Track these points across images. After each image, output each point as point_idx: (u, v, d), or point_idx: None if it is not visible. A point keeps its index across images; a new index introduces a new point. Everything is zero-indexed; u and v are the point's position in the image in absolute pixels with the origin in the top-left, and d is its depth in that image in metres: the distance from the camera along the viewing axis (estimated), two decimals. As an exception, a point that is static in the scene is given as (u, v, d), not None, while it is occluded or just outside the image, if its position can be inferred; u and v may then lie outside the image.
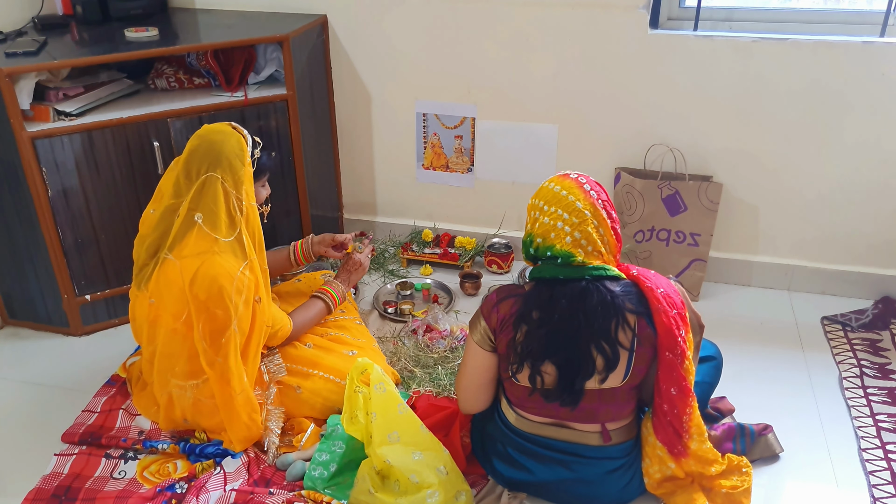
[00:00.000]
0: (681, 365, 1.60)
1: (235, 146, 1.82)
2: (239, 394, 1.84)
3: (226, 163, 1.80)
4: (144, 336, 1.93)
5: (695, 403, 1.65)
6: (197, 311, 1.78)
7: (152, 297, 1.85)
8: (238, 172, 1.81)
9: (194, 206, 1.79)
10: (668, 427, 1.65)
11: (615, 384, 1.62)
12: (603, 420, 1.67)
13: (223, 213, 1.79)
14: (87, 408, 2.10)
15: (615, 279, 1.61)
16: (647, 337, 1.60)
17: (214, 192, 1.79)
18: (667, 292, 1.61)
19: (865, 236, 2.52)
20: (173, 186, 1.84)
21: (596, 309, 1.56)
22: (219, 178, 1.79)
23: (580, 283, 1.57)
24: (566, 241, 1.58)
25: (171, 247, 1.81)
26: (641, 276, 1.64)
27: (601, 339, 1.57)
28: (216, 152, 1.80)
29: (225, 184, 1.79)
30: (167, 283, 1.81)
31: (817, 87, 2.35)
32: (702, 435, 1.67)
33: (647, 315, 1.60)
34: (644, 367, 1.63)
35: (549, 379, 1.61)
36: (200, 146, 1.81)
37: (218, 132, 1.84)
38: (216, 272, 1.77)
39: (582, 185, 1.62)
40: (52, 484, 1.84)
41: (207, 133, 1.84)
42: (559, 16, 2.45)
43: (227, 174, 1.80)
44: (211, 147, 1.81)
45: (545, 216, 1.60)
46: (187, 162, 1.82)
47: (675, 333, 1.59)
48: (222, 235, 1.79)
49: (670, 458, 1.68)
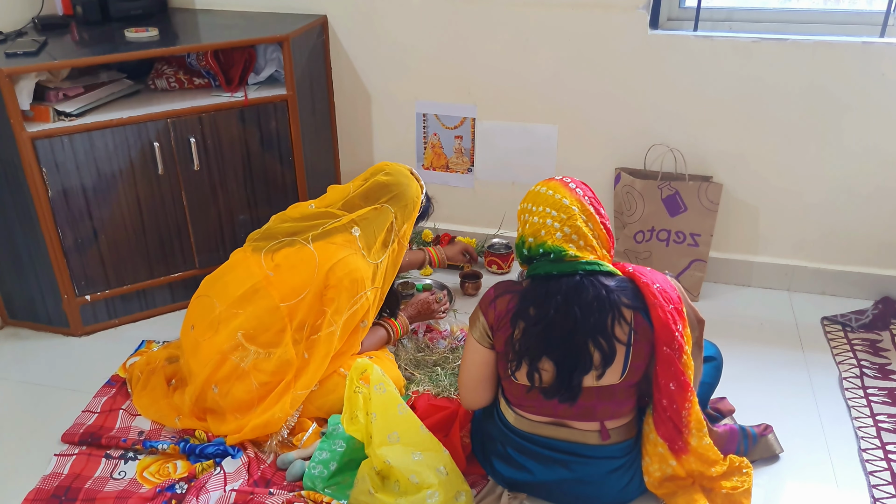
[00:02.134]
0: (679, 360, 1.61)
1: (415, 193, 2.12)
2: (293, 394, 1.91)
3: (404, 203, 2.08)
4: (234, 297, 1.93)
5: (694, 398, 1.65)
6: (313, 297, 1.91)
7: (272, 270, 1.94)
8: (409, 215, 2.10)
9: (359, 221, 2.02)
10: (668, 422, 1.65)
11: (613, 381, 1.62)
12: (601, 418, 1.67)
13: (380, 241, 2.03)
14: (87, 408, 2.10)
15: (610, 275, 1.62)
16: (644, 332, 1.60)
17: (383, 221, 2.04)
18: (663, 287, 1.62)
19: (865, 237, 2.52)
20: (344, 202, 2.05)
21: (591, 304, 1.57)
22: (393, 213, 2.05)
23: (574, 278, 1.58)
24: (556, 237, 1.60)
25: (315, 238, 1.97)
26: (637, 272, 1.64)
27: (597, 334, 1.58)
28: (401, 193, 2.08)
29: (395, 219, 2.05)
30: (297, 263, 1.93)
31: (817, 87, 2.35)
32: (701, 430, 1.67)
33: (644, 310, 1.60)
34: (642, 363, 1.63)
35: (546, 375, 1.62)
36: (390, 183, 2.07)
37: (406, 175, 2.12)
38: (356, 267, 1.94)
39: (567, 184, 1.66)
40: (51, 484, 1.84)
41: (397, 173, 2.10)
42: (559, 16, 2.45)
43: (400, 212, 2.07)
44: (398, 187, 2.08)
45: (534, 216, 1.64)
46: (372, 189, 2.06)
47: (672, 328, 1.59)
48: (370, 256, 2.00)
49: (671, 455, 1.68)
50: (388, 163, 2.14)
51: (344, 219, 2.00)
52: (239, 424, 1.92)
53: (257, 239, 2.03)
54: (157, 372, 2.14)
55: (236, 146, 2.44)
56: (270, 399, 1.91)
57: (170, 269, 2.50)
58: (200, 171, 2.40)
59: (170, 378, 2.14)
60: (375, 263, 2.01)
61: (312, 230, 1.99)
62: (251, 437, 1.92)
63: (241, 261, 2.01)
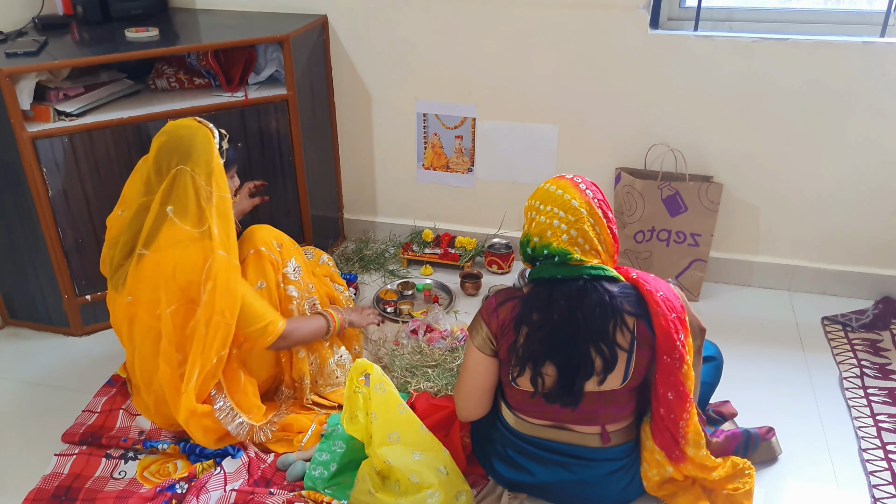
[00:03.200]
0: (679, 370, 1.60)
1: (203, 139, 1.82)
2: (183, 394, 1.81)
3: (195, 156, 1.80)
4: (125, 336, 1.92)
5: (693, 410, 1.64)
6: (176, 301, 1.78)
7: (129, 294, 1.84)
8: (208, 165, 1.81)
9: (165, 199, 1.80)
10: (665, 432, 1.65)
11: (614, 386, 1.62)
12: (603, 422, 1.67)
13: (193, 205, 1.79)
14: (88, 408, 2.10)
15: (613, 280, 1.61)
16: (646, 340, 1.59)
17: (185, 185, 1.79)
18: (666, 296, 1.61)
19: (866, 236, 2.52)
20: (144, 185, 1.84)
21: (594, 309, 1.56)
22: (189, 171, 1.79)
23: (578, 283, 1.57)
24: (562, 239, 1.58)
25: (146, 242, 1.81)
26: (641, 279, 1.63)
27: (599, 339, 1.57)
28: (185, 146, 1.80)
29: (196, 177, 1.79)
30: (143, 278, 1.81)
31: (817, 87, 2.35)
32: (699, 443, 1.66)
33: (646, 318, 1.59)
34: (643, 369, 1.62)
35: (549, 380, 1.61)
36: (169, 142, 1.82)
37: (185, 127, 1.84)
38: (191, 261, 1.78)
39: (577, 184, 1.63)
40: (52, 484, 1.84)
41: (174, 129, 1.84)
42: (559, 16, 2.45)
43: (197, 167, 1.80)
44: (180, 141, 1.81)
45: (541, 215, 1.61)
46: (157, 158, 1.82)
47: (674, 337, 1.58)
48: (192, 226, 1.79)
49: (668, 462, 1.68)
50: (170, 122, 1.90)
51: (153, 205, 1.80)
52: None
53: (111, 276, 1.91)
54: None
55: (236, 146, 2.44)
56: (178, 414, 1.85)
57: (170, 269, 2.50)
58: (200, 171, 2.40)
59: None
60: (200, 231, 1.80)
61: (139, 235, 1.82)
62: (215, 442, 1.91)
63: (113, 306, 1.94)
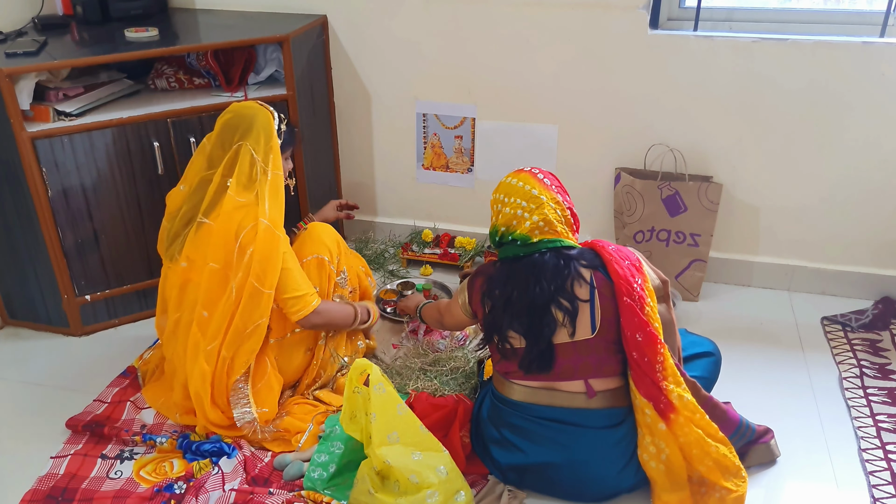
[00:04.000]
0: (641, 310, 1.69)
1: (264, 119, 1.95)
2: (204, 350, 1.89)
3: (255, 133, 1.93)
4: (173, 303, 1.97)
5: (665, 351, 1.69)
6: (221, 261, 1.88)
7: (185, 260, 1.93)
8: (267, 143, 1.94)
9: (227, 172, 1.92)
10: (644, 378, 1.69)
11: (586, 335, 1.70)
12: (583, 375, 1.71)
13: (249, 179, 1.92)
14: (99, 397, 2.13)
15: (570, 247, 1.75)
16: (605, 286, 1.71)
17: (244, 159, 1.92)
18: (618, 248, 1.77)
19: (865, 236, 2.52)
20: (206, 160, 1.96)
21: (551, 271, 1.71)
22: (249, 146, 1.92)
23: (535, 256, 1.73)
24: (526, 226, 1.74)
25: (206, 211, 1.92)
26: (597, 242, 1.79)
27: (558, 295, 1.69)
28: (247, 124, 1.94)
29: (254, 153, 1.91)
30: (201, 242, 1.91)
31: (817, 87, 2.35)
32: (679, 384, 1.69)
33: (602, 267, 1.73)
34: (610, 317, 1.70)
35: (515, 343, 1.74)
36: (233, 119, 1.95)
37: (249, 107, 1.98)
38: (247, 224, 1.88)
39: (535, 174, 1.79)
40: (48, 485, 1.84)
41: (239, 108, 1.98)
42: (559, 16, 2.45)
43: (257, 144, 1.93)
44: (242, 119, 1.94)
45: (506, 207, 1.78)
46: (221, 134, 1.95)
47: (631, 280, 1.70)
48: (246, 198, 1.90)
49: (658, 417, 1.67)
50: (233, 103, 2.02)
51: (215, 176, 1.92)
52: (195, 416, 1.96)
53: (167, 247, 2.00)
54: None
55: (236, 146, 2.44)
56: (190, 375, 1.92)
57: (170, 269, 2.50)
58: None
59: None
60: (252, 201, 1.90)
61: (200, 206, 1.93)
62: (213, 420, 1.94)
63: (165, 275, 2.03)
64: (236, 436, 1.96)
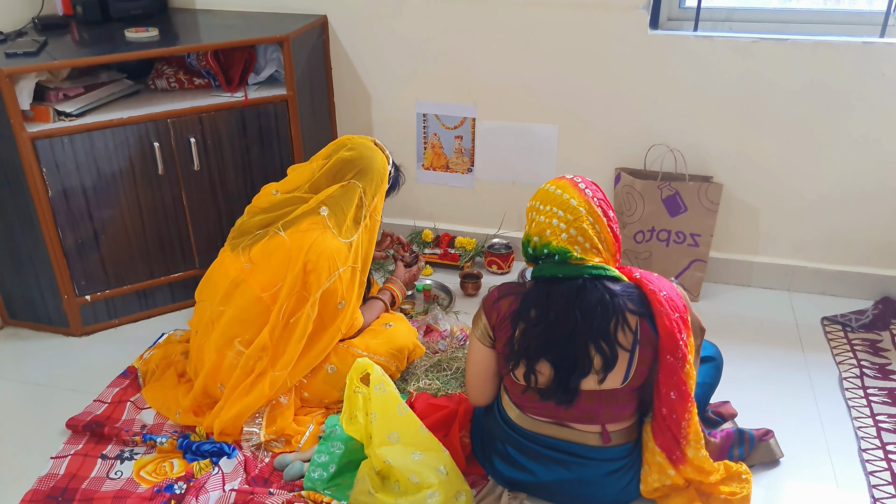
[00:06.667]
0: (681, 369, 1.60)
1: (381, 165, 2.03)
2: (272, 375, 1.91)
3: (370, 177, 2.00)
4: (220, 295, 1.97)
5: (694, 409, 1.64)
6: (292, 283, 1.88)
7: (248, 262, 1.93)
8: (378, 188, 2.02)
9: (328, 201, 1.96)
10: (666, 431, 1.65)
11: (615, 385, 1.62)
12: (603, 421, 1.67)
13: (350, 218, 1.96)
14: (99, 398, 2.12)
15: (615, 280, 1.61)
16: (649, 339, 1.59)
17: (351, 198, 1.97)
18: (669, 295, 1.61)
19: (865, 237, 2.52)
20: (310, 184, 1.99)
21: (595, 308, 1.56)
22: (361, 187, 1.98)
23: (577, 281, 1.58)
24: (562, 238, 1.59)
25: (286, 225, 1.94)
26: (644, 278, 1.64)
27: (600, 338, 1.57)
28: (365, 165, 2.00)
29: (364, 194, 1.98)
30: (271, 253, 1.91)
31: (817, 87, 2.35)
32: (699, 442, 1.66)
33: (649, 317, 1.59)
34: (645, 368, 1.62)
35: (542, 378, 1.62)
36: (353, 157, 1.99)
37: (369, 148, 2.04)
38: (329, 246, 1.90)
39: (577, 184, 1.65)
40: (48, 485, 1.84)
41: (361, 147, 2.02)
42: (559, 16, 2.45)
43: (368, 186, 1.99)
44: (362, 160, 2.00)
45: (541, 215, 1.63)
46: (336, 168, 1.99)
47: (678, 337, 1.58)
48: (341, 235, 1.94)
49: (669, 464, 1.67)
50: (351, 136, 2.07)
51: (312, 201, 1.96)
52: (217, 415, 1.95)
53: (234, 237, 2.03)
54: (172, 366, 2.19)
55: (236, 146, 2.44)
56: (243, 387, 1.92)
57: (170, 269, 2.50)
58: (200, 171, 2.40)
59: (182, 373, 2.17)
60: (349, 242, 1.96)
61: (282, 218, 1.96)
62: (231, 427, 1.93)
63: (221, 259, 2.03)
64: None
